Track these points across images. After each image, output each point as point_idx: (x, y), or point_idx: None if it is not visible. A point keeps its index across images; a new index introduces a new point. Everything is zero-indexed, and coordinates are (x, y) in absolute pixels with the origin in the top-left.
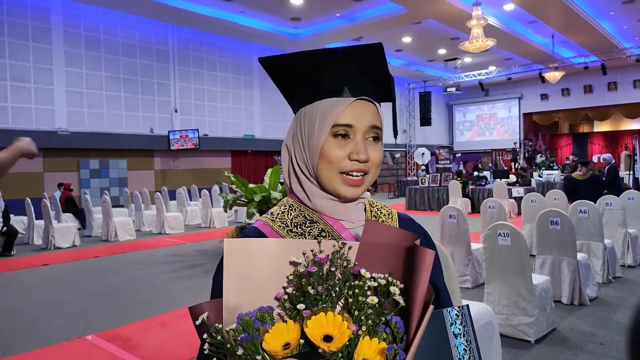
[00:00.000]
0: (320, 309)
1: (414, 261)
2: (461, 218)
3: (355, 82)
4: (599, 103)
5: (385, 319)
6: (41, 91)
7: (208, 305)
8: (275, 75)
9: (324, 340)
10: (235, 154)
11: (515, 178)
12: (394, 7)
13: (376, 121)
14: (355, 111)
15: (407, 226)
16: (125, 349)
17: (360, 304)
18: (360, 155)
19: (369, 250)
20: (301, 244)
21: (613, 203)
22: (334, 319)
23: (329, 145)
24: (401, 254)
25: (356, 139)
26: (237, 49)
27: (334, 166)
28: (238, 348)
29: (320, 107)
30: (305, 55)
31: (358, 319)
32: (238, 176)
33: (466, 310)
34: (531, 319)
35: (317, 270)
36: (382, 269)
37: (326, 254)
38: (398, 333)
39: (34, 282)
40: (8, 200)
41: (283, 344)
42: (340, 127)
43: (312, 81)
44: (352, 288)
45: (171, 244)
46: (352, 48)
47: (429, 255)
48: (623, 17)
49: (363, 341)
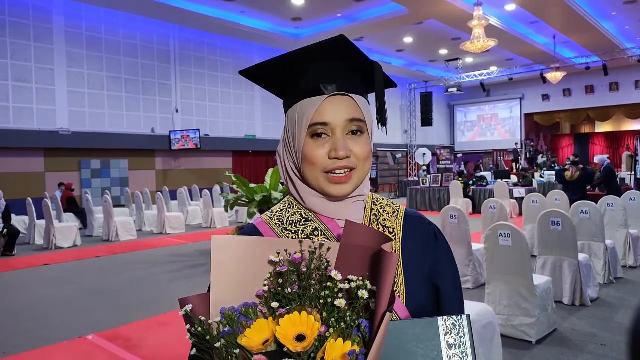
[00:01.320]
0: (294, 309)
1: (380, 264)
2: (462, 218)
3: (330, 79)
4: (600, 104)
5: (357, 323)
6: (43, 91)
7: (195, 298)
8: (262, 84)
9: (297, 339)
10: (236, 154)
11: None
12: (395, 8)
13: (355, 114)
14: (330, 108)
15: (416, 224)
16: (126, 348)
17: (330, 306)
18: (338, 152)
19: (348, 251)
20: (283, 243)
21: (614, 204)
22: (307, 319)
23: (308, 146)
24: (374, 256)
25: (335, 136)
26: (238, 49)
27: (317, 167)
28: (218, 340)
29: (298, 109)
30: (278, 60)
31: (327, 321)
32: (239, 176)
33: (465, 320)
34: (532, 319)
35: (294, 270)
36: (359, 271)
37: (302, 255)
38: (367, 338)
39: (35, 282)
40: (9, 200)
41: (263, 340)
42: (317, 126)
43: (290, 84)
44: (324, 290)
45: (172, 244)
46: (317, 45)
47: (393, 259)
48: (625, 18)
49: (331, 343)
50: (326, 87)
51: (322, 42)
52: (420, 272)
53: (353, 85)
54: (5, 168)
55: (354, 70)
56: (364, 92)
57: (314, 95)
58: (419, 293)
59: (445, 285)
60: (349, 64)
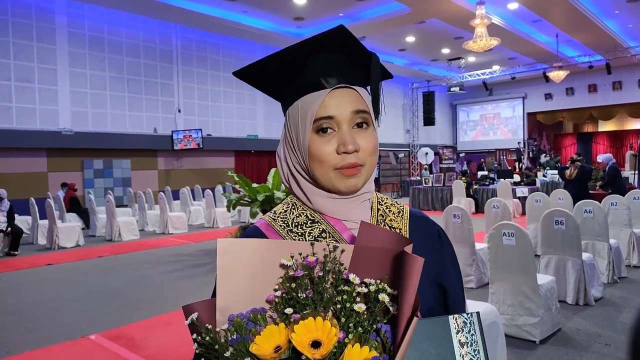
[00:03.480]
0: (309, 314)
1: (403, 268)
2: (465, 218)
3: (331, 72)
4: (603, 102)
5: (376, 327)
6: (45, 91)
7: (200, 305)
8: (257, 85)
9: (312, 346)
10: (239, 153)
11: (520, 178)
12: (398, 7)
13: (360, 105)
14: (334, 101)
15: (419, 224)
16: (128, 348)
17: (348, 310)
18: (347, 147)
19: (364, 253)
20: (294, 245)
21: (618, 203)
22: (323, 324)
23: (315, 143)
24: (393, 259)
25: (341, 130)
26: (240, 49)
27: (326, 164)
28: (227, 349)
29: (299, 106)
30: (274, 57)
31: (345, 326)
32: (241, 176)
33: (475, 318)
34: (536, 319)
35: (307, 273)
36: (376, 274)
37: (317, 258)
38: (387, 342)
39: (37, 282)
40: (12, 200)
41: (274, 347)
42: (322, 121)
43: (288, 81)
44: (340, 294)
45: (174, 243)
46: (316, 38)
47: (418, 262)
48: (628, 16)
49: (350, 349)
50: (327, 81)
51: (321, 34)
52: (427, 273)
53: (354, 76)
54: (8, 168)
55: (353, 62)
56: (365, 84)
57: (315, 89)
58: (427, 294)
59: (450, 285)
60: (348, 55)
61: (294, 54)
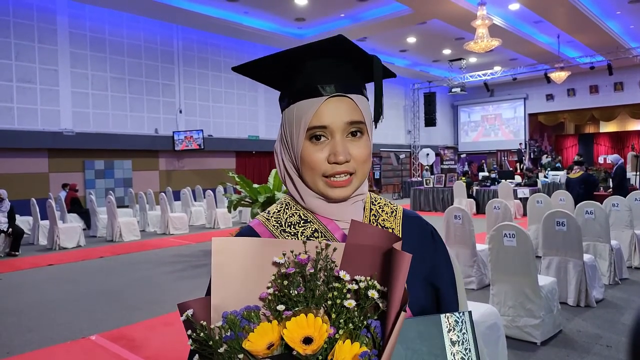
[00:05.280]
0: (301, 311)
1: (392, 264)
2: (466, 219)
3: (328, 79)
4: (605, 103)
5: (367, 324)
6: (47, 92)
7: (195, 303)
8: (257, 78)
9: (304, 342)
10: (240, 154)
11: (521, 179)
12: (399, 7)
13: (354, 116)
14: (329, 110)
15: (413, 224)
16: (129, 349)
17: (339, 307)
18: (338, 157)
19: (355, 251)
20: (287, 244)
21: (620, 204)
22: (315, 321)
23: (307, 149)
24: (383, 256)
25: (334, 139)
26: (241, 50)
27: (315, 171)
28: (221, 345)
29: (295, 110)
30: (272, 58)
31: (336, 322)
32: (242, 177)
33: (467, 317)
34: (537, 320)
35: (299, 271)
36: (366, 271)
37: (309, 255)
38: (377, 338)
39: (38, 282)
40: (14, 200)
41: (267, 344)
42: (315, 130)
43: (286, 83)
44: (331, 290)
45: (176, 244)
46: (316, 44)
47: (406, 258)
48: (629, 17)
49: (340, 345)
50: (324, 88)
51: (319, 42)
52: (419, 273)
53: (352, 84)
54: (9, 169)
55: (352, 68)
56: (363, 89)
57: (312, 96)
58: (419, 293)
59: (443, 285)
60: (347, 61)
61: (293, 57)
